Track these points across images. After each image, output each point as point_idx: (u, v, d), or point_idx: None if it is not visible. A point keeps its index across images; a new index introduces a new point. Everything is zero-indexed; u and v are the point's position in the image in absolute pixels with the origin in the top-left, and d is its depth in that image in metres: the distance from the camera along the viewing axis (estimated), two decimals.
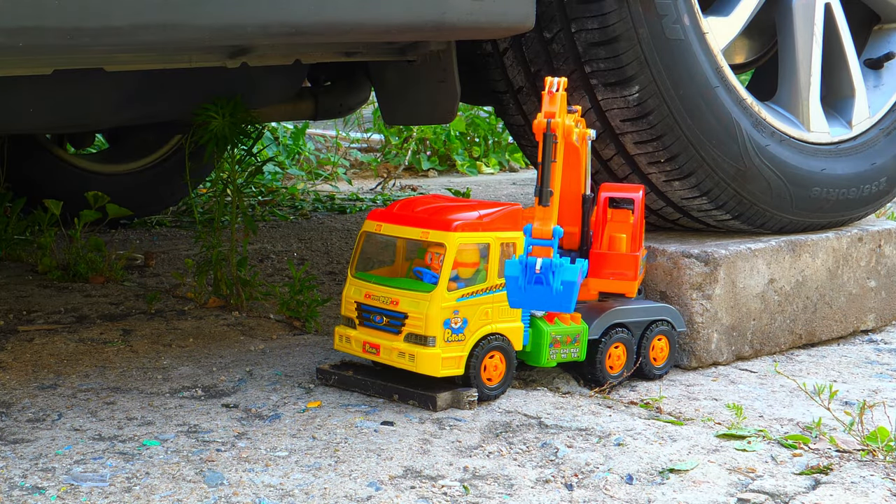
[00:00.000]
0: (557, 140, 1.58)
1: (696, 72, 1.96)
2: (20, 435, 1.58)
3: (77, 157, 3.25)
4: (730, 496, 1.41)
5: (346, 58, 1.97)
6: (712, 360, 1.99)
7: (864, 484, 1.45)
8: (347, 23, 1.59)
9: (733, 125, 2.01)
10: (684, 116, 1.96)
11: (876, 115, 2.30)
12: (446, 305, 1.68)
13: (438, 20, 1.65)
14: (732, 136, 2.02)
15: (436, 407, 1.69)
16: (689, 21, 1.95)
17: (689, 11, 1.96)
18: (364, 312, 1.76)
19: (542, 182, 1.58)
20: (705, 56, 1.98)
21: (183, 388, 1.81)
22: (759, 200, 2.08)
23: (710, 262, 1.97)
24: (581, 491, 1.42)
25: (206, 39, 1.52)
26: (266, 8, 1.51)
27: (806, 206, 2.14)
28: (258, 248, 3.02)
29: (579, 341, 1.79)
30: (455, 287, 1.69)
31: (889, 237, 2.26)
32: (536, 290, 1.57)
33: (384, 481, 1.43)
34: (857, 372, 2.00)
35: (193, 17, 1.46)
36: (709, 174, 2.01)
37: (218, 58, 1.81)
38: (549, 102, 1.60)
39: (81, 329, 2.16)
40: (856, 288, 2.21)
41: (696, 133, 1.98)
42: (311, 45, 1.89)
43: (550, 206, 1.59)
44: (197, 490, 1.39)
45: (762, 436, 1.63)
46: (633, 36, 1.89)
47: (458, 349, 1.69)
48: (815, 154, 2.16)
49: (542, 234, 1.58)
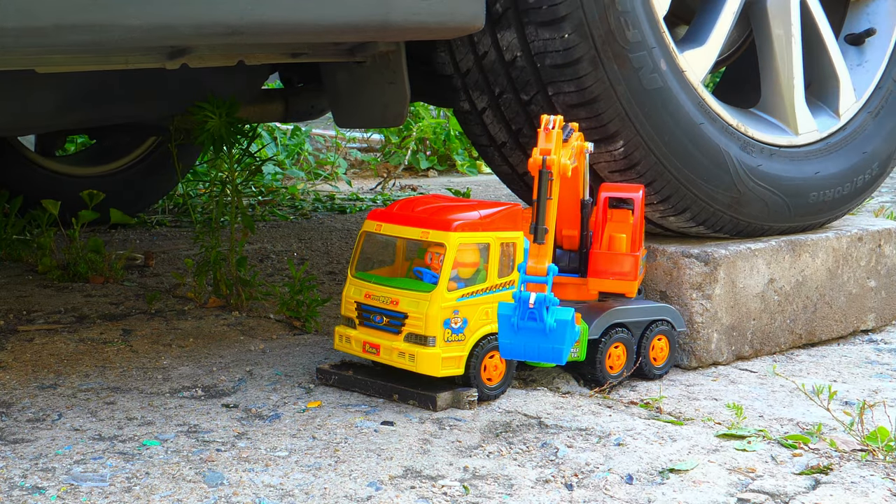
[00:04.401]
0: (553, 177, 1.58)
1: (680, 115, 1.94)
2: (20, 435, 1.58)
3: (47, 160, 3.22)
4: (730, 496, 1.41)
5: (293, 59, 1.93)
6: (712, 359, 1.99)
7: (864, 484, 1.45)
8: (285, 23, 1.54)
9: (722, 156, 1.99)
10: (672, 161, 1.94)
11: (862, 98, 2.27)
12: (446, 305, 1.68)
13: (382, 20, 1.61)
14: (723, 167, 2.00)
15: (436, 407, 1.69)
16: (666, 66, 1.92)
17: (666, 56, 1.93)
18: (364, 312, 1.76)
19: (538, 220, 1.58)
20: (686, 95, 1.96)
21: (183, 388, 1.81)
22: (758, 219, 2.08)
23: (710, 261, 1.97)
24: (581, 491, 1.42)
25: (138, 40, 1.47)
26: (200, 8, 1.46)
27: (805, 212, 2.14)
28: (258, 248, 3.02)
29: (579, 341, 1.79)
30: (455, 287, 1.69)
31: (889, 237, 2.26)
32: (529, 328, 1.56)
33: (384, 481, 1.43)
34: (857, 372, 2.00)
35: (124, 18, 1.42)
36: (703, 207, 2.00)
37: (155, 59, 1.77)
38: (544, 140, 1.59)
39: (81, 329, 2.16)
40: (856, 288, 2.21)
41: (685, 174, 1.96)
42: (250, 46, 1.83)
43: (546, 244, 1.58)
44: (197, 490, 1.39)
45: (762, 436, 1.63)
46: (612, 94, 1.87)
47: (458, 349, 1.69)
48: (807, 158, 2.15)
49: (537, 271, 1.57)
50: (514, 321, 1.57)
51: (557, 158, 1.59)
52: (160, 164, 3.37)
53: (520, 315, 1.57)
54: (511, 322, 1.58)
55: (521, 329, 1.57)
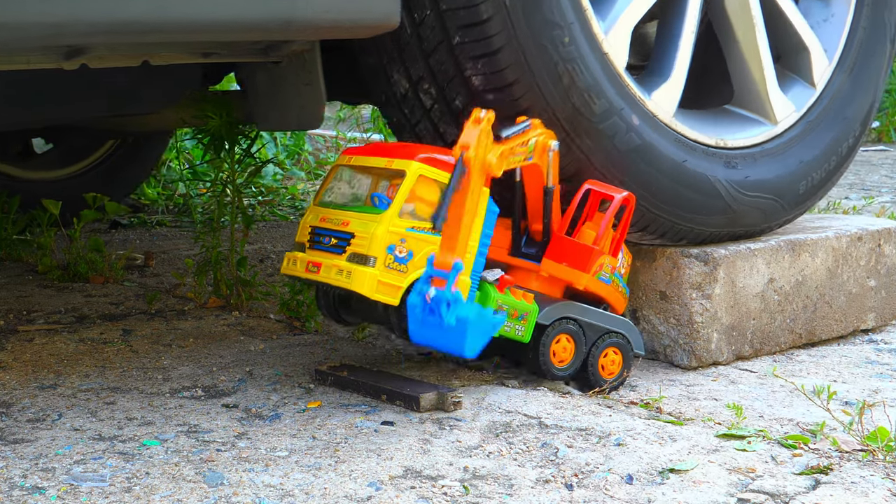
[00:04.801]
0: (469, 172, 1.57)
1: (662, 162, 1.91)
2: (20, 435, 1.58)
3: (2, 164, 3.19)
4: (730, 496, 1.41)
5: (203, 58, 1.86)
6: (712, 359, 1.99)
7: (864, 484, 1.45)
8: (183, 21, 1.48)
9: (710, 183, 1.97)
10: (663, 207, 1.92)
11: (834, 57, 2.18)
12: (393, 230, 1.65)
13: (287, 17, 1.54)
14: (713, 194, 1.98)
15: (419, 408, 1.69)
16: (639, 121, 1.88)
17: (639, 111, 1.88)
18: (316, 235, 1.73)
19: (440, 207, 1.56)
20: (664, 137, 1.92)
21: (183, 388, 1.81)
22: (756, 224, 2.07)
23: (709, 261, 1.97)
24: (581, 491, 1.42)
25: (29, 39, 1.42)
26: (92, 5, 1.41)
27: (798, 203, 2.13)
28: (258, 248, 3.02)
29: (526, 320, 1.76)
30: (408, 217, 1.66)
31: (889, 236, 2.26)
32: (432, 321, 1.55)
33: (384, 481, 1.43)
34: (857, 372, 2.00)
35: (12, 15, 1.36)
36: (700, 233, 1.99)
37: (52, 59, 1.70)
38: (465, 134, 1.58)
39: (81, 329, 2.16)
40: (856, 287, 2.21)
41: (681, 214, 1.94)
42: (151, 45, 1.76)
43: (455, 238, 1.57)
44: (197, 490, 1.39)
45: (762, 436, 1.63)
46: (590, 166, 1.84)
47: (396, 278, 1.64)
48: (789, 147, 2.11)
49: (442, 265, 1.56)
50: (418, 314, 1.56)
51: (476, 154, 1.57)
52: (119, 167, 3.32)
53: (421, 308, 1.56)
54: (416, 314, 1.56)
55: (423, 322, 1.56)
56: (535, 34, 1.76)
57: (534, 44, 1.76)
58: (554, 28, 1.77)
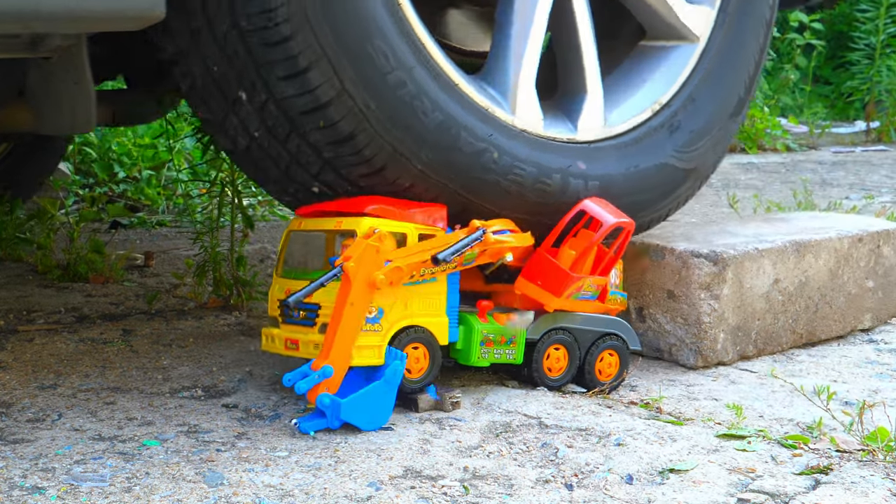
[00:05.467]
0: (347, 280, 1.58)
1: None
2: (20, 435, 1.58)
3: None
4: (730, 496, 1.41)
5: None
6: (718, 359, 1.99)
7: (864, 484, 1.45)
8: None
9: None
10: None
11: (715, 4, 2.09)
12: None
13: (34, 7, 1.42)
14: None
15: (417, 409, 1.69)
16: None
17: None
18: (285, 308, 1.69)
19: (303, 289, 1.59)
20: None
21: (183, 388, 1.81)
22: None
23: (718, 261, 1.96)
24: (581, 491, 1.42)
25: None
26: None
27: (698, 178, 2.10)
28: (258, 248, 3.02)
29: (515, 342, 1.76)
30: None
31: (887, 237, 2.27)
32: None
33: (384, 481, 1.43)
34: (857, 372, 2.00)
35: None
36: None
37: None
38: (352, 246, 1.59)
39: (81, 329, 2.16)
40: (855, 288, 2.21)
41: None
42: None
43: (329, 346, 1.57)
44: (197, 490, 1.39)
45: (762, 436, 1.63)
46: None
47: (374, 339, 1.63)
48: (669, 138, 2.03)
49: (315, 366, 1.58)
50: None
51: (358, 268, 1.58)
52: (13, 170, 3.25)
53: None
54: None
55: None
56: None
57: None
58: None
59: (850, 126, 6.98)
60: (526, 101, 1.85)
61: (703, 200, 4.06)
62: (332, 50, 1.64)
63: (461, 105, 1.75)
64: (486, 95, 1.81)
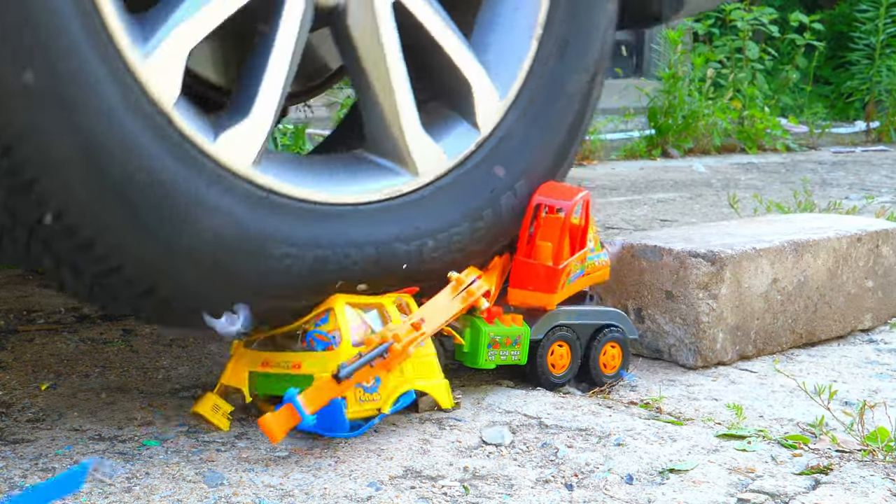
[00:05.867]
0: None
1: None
2: (20, 435, 1.58)
3: None
4: (730, 496, 1.41)
5: None
6: (717, 359, 1.99)
7: (864, 484, 1.45)
8: None
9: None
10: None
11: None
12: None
13: None
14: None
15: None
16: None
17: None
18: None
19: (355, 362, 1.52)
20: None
21: (183, 388, 1.81)
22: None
23: (716, 261, 1.96)
24: (581, 491, 1.42)
25: None
26: None
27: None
28: None
29: (520, 343, 1.76)
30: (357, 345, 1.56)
31: (886, 237, 2.27)
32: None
33: (384, 481, 1.43)
34: (857, 372, 2.00)
35: None
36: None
37: None
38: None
39: (82, 329, 2.16)
40: (854, 288, 2.21)
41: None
42: None
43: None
44: (197, 490, 1.39)
45: (762, 436, 1.63)
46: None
47: (372, 409, 1.56)
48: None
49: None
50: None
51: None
52: None
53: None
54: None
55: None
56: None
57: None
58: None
59: (850, 126, 6.98)
60: None
61: (703, 201, 4.06)
62: None
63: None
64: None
